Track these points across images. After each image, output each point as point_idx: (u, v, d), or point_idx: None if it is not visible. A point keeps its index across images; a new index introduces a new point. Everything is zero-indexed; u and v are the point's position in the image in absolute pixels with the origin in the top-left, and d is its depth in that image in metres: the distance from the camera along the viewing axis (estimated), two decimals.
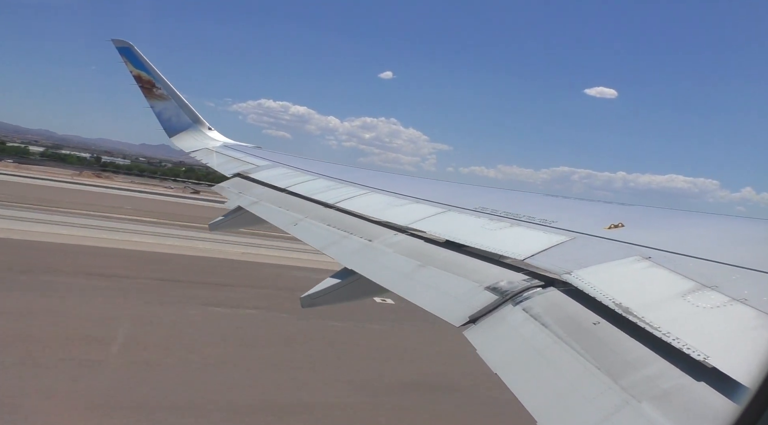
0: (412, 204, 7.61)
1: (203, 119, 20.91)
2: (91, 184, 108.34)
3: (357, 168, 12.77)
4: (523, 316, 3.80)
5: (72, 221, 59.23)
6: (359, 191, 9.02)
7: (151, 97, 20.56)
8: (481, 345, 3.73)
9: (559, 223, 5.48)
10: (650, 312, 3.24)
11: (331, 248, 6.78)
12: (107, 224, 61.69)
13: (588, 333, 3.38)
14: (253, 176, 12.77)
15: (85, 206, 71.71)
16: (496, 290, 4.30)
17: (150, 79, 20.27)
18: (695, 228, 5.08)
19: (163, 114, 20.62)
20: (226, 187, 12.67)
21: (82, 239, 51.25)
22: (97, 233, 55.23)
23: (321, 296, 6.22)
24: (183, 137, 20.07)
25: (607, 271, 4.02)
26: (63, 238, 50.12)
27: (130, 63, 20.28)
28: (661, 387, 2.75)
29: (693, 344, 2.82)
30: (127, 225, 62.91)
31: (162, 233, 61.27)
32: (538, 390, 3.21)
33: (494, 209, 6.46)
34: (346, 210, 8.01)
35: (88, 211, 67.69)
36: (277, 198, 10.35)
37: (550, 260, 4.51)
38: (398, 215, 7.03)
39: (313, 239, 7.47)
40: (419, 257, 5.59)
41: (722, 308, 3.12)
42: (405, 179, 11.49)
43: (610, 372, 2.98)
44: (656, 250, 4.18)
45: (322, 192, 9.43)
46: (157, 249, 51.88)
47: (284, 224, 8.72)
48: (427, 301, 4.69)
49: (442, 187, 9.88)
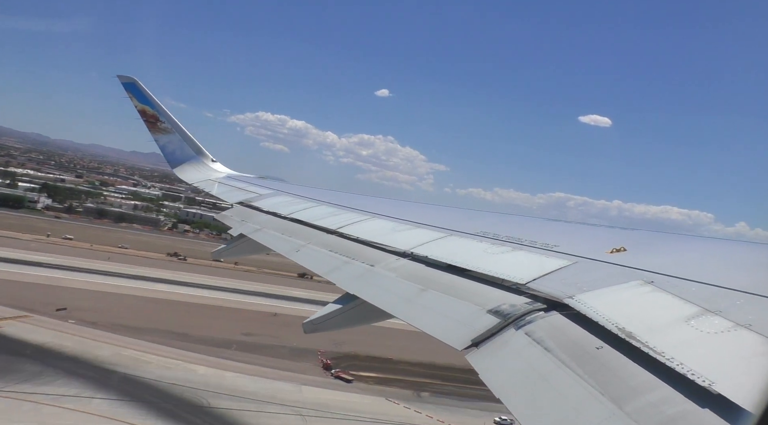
0: (414, 229, 7.62)
1: (207, 151, 21.14)
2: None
3: (358, 195, 12.83)
4: (526, 340, 3.77)
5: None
6: (361, 217, 9.04)
7: (155, 131, 20.84)
8: (484, 369, 3.69)
9: (561, 247, 5.47)
10: (654, 337, 3.20)
11: (333, 274, 6.77)
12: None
13: (591, 358, 3.34)
14: (256, 204, 12.83)
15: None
16: (499, 313, 4.27)
17: (154, 114, 20.58)
18: (697, 252, 5.06)
19: (167, 147, 20.86)
20: (228, 215, 12.71)
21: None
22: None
23: (323, 322, 6.19)
24: (186, 168, 20.24)
25: (610, 295, 3.99)
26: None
27: (135, 98, 20.62)
28: (665, 413, 2.70)
29: (698, 369, 2.78)
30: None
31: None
32: (541, 415, 3.16)
33: (496, 234, 6.46)
34: (348, 236, 8.02)
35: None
36: (280, 225, 10.37)
37: (553, 284, 4.49)
38: (400, 240, 7.03)
39: (316, 265, 7.46)
40: (421, 282, 5.57)
41: (727, 334, 3.09)
42: (406, 205, 11.52)
43: (614, 397, 2.93)
44: (659, 274, 4.15)
45: (323, 218, 9.46)
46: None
47: (287, 250, 8.72)
48: (429, 325, 4.66)
49: (444, 211, 9.90)
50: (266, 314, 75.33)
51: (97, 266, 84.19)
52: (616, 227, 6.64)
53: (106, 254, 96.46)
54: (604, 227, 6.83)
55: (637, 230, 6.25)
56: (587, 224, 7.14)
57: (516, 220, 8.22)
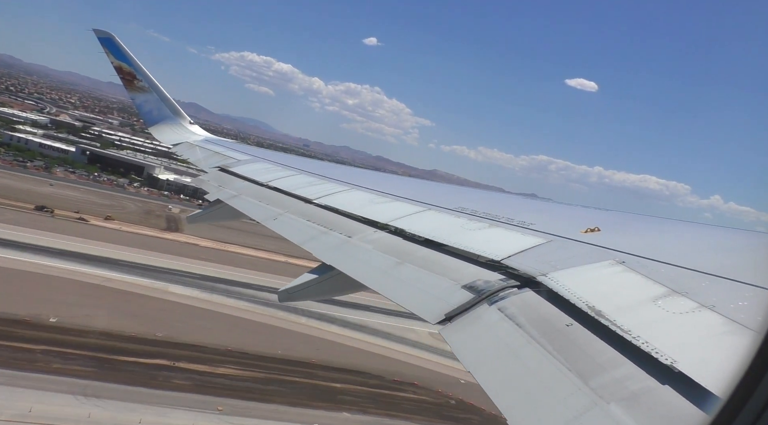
0: (393, 202, 7.63)
1: (184, 112, 20.67)
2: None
3: (337, 165, 12.77)
4: (498, 316, 3.85)
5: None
6: (340, 188, 9.01)
7: (131, 89, 20.23)
8: (456, 343, 3.77)
9: (536, 225, 5.55)
10: (622, 316, 3.30)
11: (309, 244, 6.76)
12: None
13: (561, 335, 3.43)
14: (234, 169, 12.66)
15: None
16: (473, 289, 4.34)
17: (131, 71, 19.95)
18: (669, 235, 5.19)
19: (143, 106, 20.31)
20: (205, 180, 12.53)
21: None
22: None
23: (298, 292, 6.20)
24: (163, 129, 19.80)
25: (582, 274, 4.08)
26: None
27: (112, 54, 19.92)
28: (629, 388, 2.81)
29: (662, 348, 2.89)
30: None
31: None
32: (509, 389, 3.25)
33: (474, 210, 6.51)
34: (327, 206, 7.99)
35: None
36: (257, 192, 10.27)
37: (527, 261, 4.57)
38: (378, 213, 7.04)
39: (293, 234, 7.44)
40: (398, 255, 5.60)
41: (691, 315, 3.20)
42: (386, 177, 11.51)
43: (581, 373, 3.03)
44: (630, 255, 4.26)
45: (302, 188, 9.39)
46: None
47: (263, 218, 8.66)
48: (404, 298, 4.71)
49: (423, 186, 9.93)
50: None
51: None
52: (591, 207, 6.75)
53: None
54: (579, 206, 6.94)
55: (612, 211, 6.38)
56: (563, 204, 7.25)
57: (494, 197, 8.29)
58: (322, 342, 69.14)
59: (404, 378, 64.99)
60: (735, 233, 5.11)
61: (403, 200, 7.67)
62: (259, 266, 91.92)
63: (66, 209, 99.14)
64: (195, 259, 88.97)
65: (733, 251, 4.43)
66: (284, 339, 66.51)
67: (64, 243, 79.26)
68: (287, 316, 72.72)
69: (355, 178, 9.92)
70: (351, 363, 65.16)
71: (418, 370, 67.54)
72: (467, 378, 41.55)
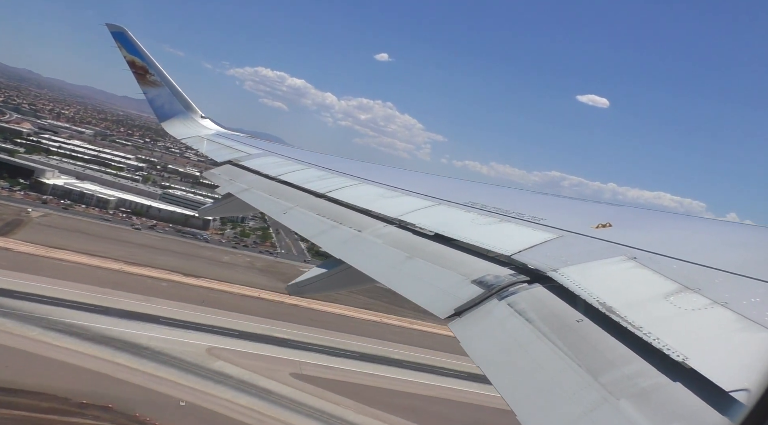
0: (403, 197, 7.62)
1: (196, 106, 20.73)
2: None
3: (348, 159, 12.76)
4: (508, 311, 3.84)
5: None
6: (350, 182, 9.01)
7: (144, 84, 20.32)
8: (465, 338, 3.76)
9: (548, 221, 5.51)
10: (633, 312, 3.28)
11: (320, 237, 6.78)
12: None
13: (571, 330, 3.42)
14: (245, 163, 12.70)
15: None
16: (483, 283, 4.33)
17: (144, 65, 20.03)
18: (681, 231, 5.14)
19: (155, 100, 20.40)
20: (216, 174, 12.59)
21: None
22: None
23: (308, 285, 6.23)
24: (175, 123, 19.89)
25: (593, 270, 4.06)
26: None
27: (124, 48, 20.01)
28: (639, 385, 2.79)
29: (673, 345, 2.87)
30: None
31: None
32: (519, 384, 3.24)
33: (484, 205, 6.49)
34: (337, 200, 8.00)
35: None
36: (268, 186, 10.30)
37: (537, 256, 4.54)
38: (388, 207, 7.03)
39: (303, 228, 7.46)
40: (408, 249, 5.60)
41: (703, 311, 3.17)
42: (396, 172, 11.49)
43: (591, 369, 3.02)
44: (642, 251, 4.22)
45: (313, 182, 9.41)
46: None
47: (274, 212, 8.69)
48: (413, 293, 4.71)
49: (433, 180, 9.90)
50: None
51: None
52: (603, 202, 6.70)
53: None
54: (591, 202, 6.90)
55: (624, 206, 6.33)
56: (574, 199, 7.19)
57: (504, 192, 8.25)
58: (19, 355, 55.43)
59: (99, 400, 53.22)
60: (748, 229, 5.05)
61: (413, 194, 7.66)
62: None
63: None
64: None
65: (746, 247, 4.39)
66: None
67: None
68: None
69: (365, 172, 9.92)
70: (35, 382, 52.43)
71: (130, 388, 55.71)
72: (192, 398, 37.37)
